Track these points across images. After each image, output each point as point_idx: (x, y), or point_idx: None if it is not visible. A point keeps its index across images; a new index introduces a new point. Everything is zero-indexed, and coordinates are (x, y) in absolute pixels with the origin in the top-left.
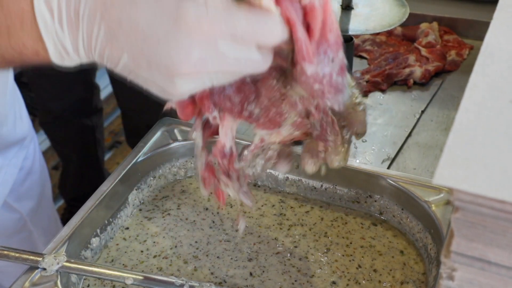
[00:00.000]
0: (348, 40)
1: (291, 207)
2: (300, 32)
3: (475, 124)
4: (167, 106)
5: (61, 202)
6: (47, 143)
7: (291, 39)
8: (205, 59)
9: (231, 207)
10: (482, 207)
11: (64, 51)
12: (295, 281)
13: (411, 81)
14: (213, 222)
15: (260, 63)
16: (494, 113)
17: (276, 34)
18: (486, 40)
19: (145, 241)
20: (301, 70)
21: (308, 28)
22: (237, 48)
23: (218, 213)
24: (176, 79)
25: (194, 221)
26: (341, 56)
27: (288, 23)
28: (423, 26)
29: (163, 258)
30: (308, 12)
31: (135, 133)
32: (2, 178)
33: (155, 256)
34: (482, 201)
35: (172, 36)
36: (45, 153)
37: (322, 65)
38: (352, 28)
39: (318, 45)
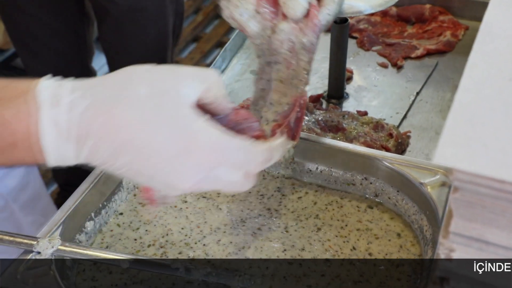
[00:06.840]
0: (343, 21)
1: (286, 191)
2: None
3: (475, 104)
4: None
5: (54, 187)
6: None
7: None
8: (204, 181)
9: (218, 196)
10: (481, 187)
11: (62, 160)
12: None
13: (405, 61)
14: (208, 208)
15: (245, 186)
16: (493, 92)
17: (262, 164)
18: (485, 19)
19: (137, 228)
20: None
21: None
22: (232, 173)
23: (212, 198)
24: (174, 191)
25: (187, 208)
26: None
27: None
28: (418, 6)
29: (160, 246)
30: None
31: None
32: None
33: (149, 246)
34: (481, 180)
35: (181, 161)
36: None
37: None
38: (343, 10)
39: None
